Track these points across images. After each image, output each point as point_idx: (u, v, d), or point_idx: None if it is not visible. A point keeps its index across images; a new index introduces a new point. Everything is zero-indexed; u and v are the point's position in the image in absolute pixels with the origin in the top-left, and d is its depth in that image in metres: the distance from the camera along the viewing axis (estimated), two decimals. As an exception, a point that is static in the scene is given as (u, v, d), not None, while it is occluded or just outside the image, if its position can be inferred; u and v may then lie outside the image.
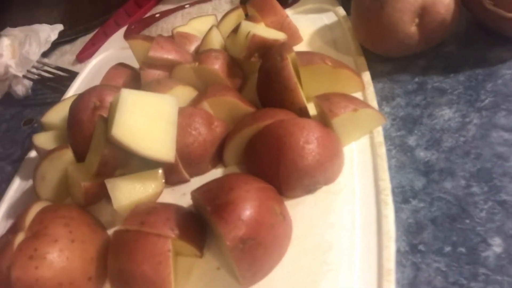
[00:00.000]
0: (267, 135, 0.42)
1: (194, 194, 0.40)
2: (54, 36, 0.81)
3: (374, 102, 0.47)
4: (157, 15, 0.86)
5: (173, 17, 0.85)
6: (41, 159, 0.48)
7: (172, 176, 0.46)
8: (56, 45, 0.89)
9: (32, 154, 0.59)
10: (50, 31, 0.81)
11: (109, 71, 0.61)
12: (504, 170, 0.39)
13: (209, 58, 0.53)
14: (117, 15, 0.91)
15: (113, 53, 0.78)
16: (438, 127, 0.44)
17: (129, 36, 0.60)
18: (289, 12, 0.66)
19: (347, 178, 0.41)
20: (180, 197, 0.46)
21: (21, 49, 0.77)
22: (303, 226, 0.39)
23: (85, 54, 0.84)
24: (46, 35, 0.80)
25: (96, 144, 0.45)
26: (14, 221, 0.41)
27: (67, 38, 0.90)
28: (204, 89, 0.51)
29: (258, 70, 0.50)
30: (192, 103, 0.50)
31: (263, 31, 0.53)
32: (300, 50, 0.51)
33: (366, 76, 0.51)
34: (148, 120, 0.43)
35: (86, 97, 0.50)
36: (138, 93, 0.44)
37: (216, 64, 0.53)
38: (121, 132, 0.40)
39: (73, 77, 0.74)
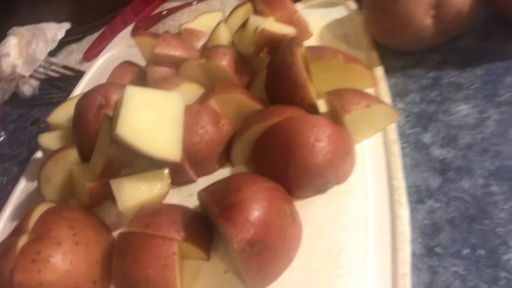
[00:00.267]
0: (276, 133, 0.41)
1: (201, 195, 0.39)
2: (61, 35, 0.81)
3: (387, 98, 0.45)
4: (164, 13, 0.85)
5: (180, 14, 0.84)
6: (46, 160, 0.47)
7: (178, 176, 0.45)
8: (63, 44, 0.89)
9: (39, 155, 0.59)
10: (57, 30, 0.80)
11: (115, 70, 0.61)
12: (525, 168, 0.37)
13: (217, 54, 0.52)
14: (124, 13, 0.90)
15: (120, 52, 0.77)
16: (455, 124, 0.42)
17: (136, 33, 0.59)
18: (299, 7, 0.64)
19: (360, 178, 0.40)
20: (187, 198, 0.45)
21: (28, 48, 0.76)
22: (314, 228, 0.38)
23: (92, 53, 0.83)
24: (53, 34, 0.79)
25: (102, 144, 0.44)
26: (18, 223, 0.41)
27: (74, 37, 0.90)
28: (211, 86, 0.50)
29: (267, 66, 0.49)
30: (199, 101, 0.49)
31: (272, 26, 0.52)
32: (310, 45, 0.49)
33: (379, 71, 0.49)
34: (154, 118, 0.42)
35: (92, 96, 0.49)
36: (144, 91, 0.43)
37: (224, 60, 0.51)
38: (126, 131, 0.39)
39: (80, 76, 0.74)
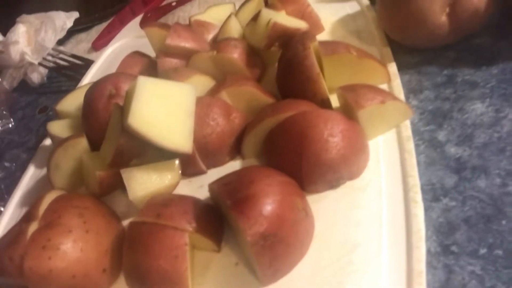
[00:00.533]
0: (289, 127, 0.40)
1: (213, 187, 0.38)
2: (70, 24, 0.80)
3: (401, 95, 0.45)
4: (174, 3, 0.85)
5: (190, 6, 0.83)
6: (56, 147, 0.47)
7: (189, 168, 0.45)
8: (72, 33, 0.88)
9: (47, 142, 0.59)
10: (66, 19, 0.79)
11: (125, 60, 0.60)
12: (543, 169, 0.36)
13: (228, 47, 0.52)
14: (133, 3, 0.90)
15: (129, 42, 0.77)
16: (470, 122, 0.42)
17: (146, 24, 0.58)
18: (311, 1, 0.64)
19: (373, 174, 0.40)
20: (197, 189, 0.44)
21: (37, 36, 0.76)
22: (326, 223, 0.37)
23: (101, 42, 0.83)
24: (62, 23, 0.78)
25: (112, 133, 0.44)
26: (28, 210, 0.40)
27: (83, 26, 0.90)
28: (223, 79, 0.49)
29: (279, 60, 0.48)
30: (210, 93, 0.49)
31: (284, 20, 0.51)
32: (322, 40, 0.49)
33: (392, 68, 0.48)
34: (165, 109, 0.42)
35: (102, 85, 0.49)
36: (155, 81, 0.43)
37: (235, 53, 0.51)
38: (138, 121, 0.39)
39: (89, 65, 0.74)
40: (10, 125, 0.72)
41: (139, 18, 0.84)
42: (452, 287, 0.32)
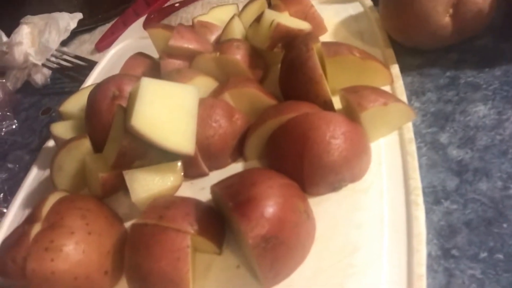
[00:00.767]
0: (291, 129, 0.40)
1: (215, 189, 0.38)
2: (74, 25, 0.81)
3: (404, 97, 0.45)
4: (177, 5, 0.85)
5: (193, 7, 0.83)
6: (59, 149, 0.47)
7: (191, 169, 0.45)
8: (75, 34, 0.89)
9: (50, 144, 0.59)
10: (70, 20, 0.80)
11: (128, 61, 0.60)
12: (545, 172, 0.36)
13: (231, 48, 0.52)
14: (136, 5, 0.90)
15: (132, 43, 0.77)
16: (472, 124, 0.42)
17: (149, 25, 0.59)
18: (314, 2, 0.64)
19: (375, 176, 0.39)
20: (199, 191, 0.45)
21: (41, 37, 0.76)
22: (327, 225, 0.37)
23: (104, 44, 0.83)
24: (66, 24, 0.79)
25: (115, 135, 0.44)
26: (31, 212, 0.41)
27: (86, 27, 0.90)
28: (225, 80, 0.49)
29: (281, 61, 0.48)
30: (213, 94, 0.49)
31: (288, 21, 0.51)
32: (325, 41, 0.49)
33: (395, 69, 0.48)
34: (168, 111, 0.42)
35: (105, 86, 0.49)
36: (159, 83, 0.43)
37: (238, 54, 0.51)
38: (141, 122, 0.39)
39: (92, 67, 0.74)
40: (14, 126, 0.72)
41: (143, 19, 0.84)
42: (453, 291, 0.32)
